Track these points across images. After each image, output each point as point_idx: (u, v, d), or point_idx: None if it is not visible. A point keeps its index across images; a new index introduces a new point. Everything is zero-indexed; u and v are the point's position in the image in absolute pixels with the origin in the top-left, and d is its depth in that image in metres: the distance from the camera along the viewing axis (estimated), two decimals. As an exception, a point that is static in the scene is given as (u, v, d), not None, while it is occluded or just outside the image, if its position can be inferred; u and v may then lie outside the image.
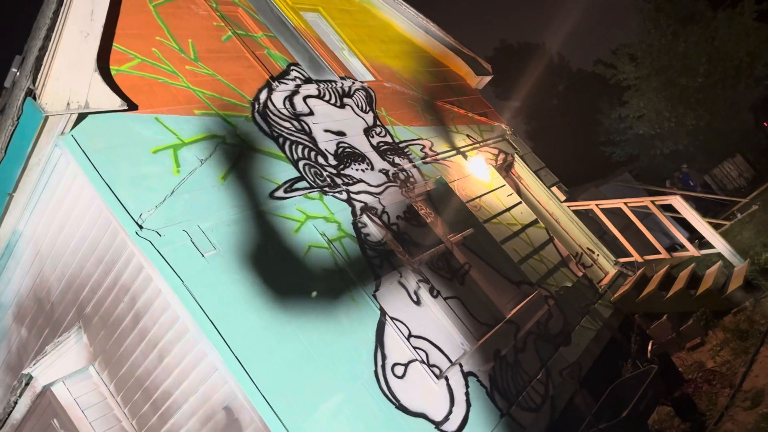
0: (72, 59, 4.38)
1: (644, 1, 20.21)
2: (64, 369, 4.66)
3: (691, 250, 8.38)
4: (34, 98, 4.03)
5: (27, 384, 4.60)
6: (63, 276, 4.86)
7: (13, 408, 4.84)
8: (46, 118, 4.06)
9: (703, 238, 8.35)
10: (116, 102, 4.51)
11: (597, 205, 8.94)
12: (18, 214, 4.84)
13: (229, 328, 4.17)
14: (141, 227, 4.21)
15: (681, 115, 19.59)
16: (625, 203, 8.72)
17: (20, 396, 4.72)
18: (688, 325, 6.99)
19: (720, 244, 7.97)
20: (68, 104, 4.18)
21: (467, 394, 5.21)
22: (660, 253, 8.60)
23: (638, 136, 21.67)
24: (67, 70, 4.31)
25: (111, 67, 4.92)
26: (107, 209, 4.21)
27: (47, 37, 4.47)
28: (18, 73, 9.60)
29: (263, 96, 6.09)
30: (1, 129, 6.02)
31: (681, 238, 8.65)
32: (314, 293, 4.78)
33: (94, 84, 4.40)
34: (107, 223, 4.32)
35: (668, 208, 9.16)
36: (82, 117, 4.40)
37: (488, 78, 10.91)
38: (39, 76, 4.12)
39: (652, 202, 8.57)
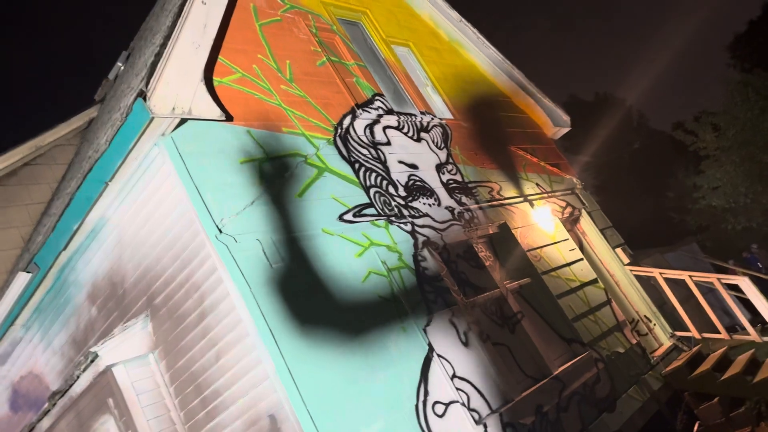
0: (182, 68, 4.72)
1: (736, 70, 19.76)
2: (127, 353, 4.93)
3: (753, 335, 8.09)
4: (145, 99, 4.35)
5: (92, 361, 4.88)
6: (139, 265, 5.18)
7: (75, 381, 5.14)
8: (152, 119, 4.38)
9: (766, 323, 8.05)
10: (216, 112, 4.82)
11: (660, 273, 8.76)
12: (109, 201, 5.19)
13: (286, 339, 4.35)
14: (220, 231, 4.47)
15: (759, 192, 18.93)
16: (690, 276, 8.51)
17: (83, 371, 5.02)
18: (740, 412, 6.74)
19: (785, 334, 7.67)
20: (173, 109, 4.50)
21: (504, 444, 5.20)
22: (719, 333, 8.34)
23: (711, 207, 21.03)
24: (177, 78, 4.64)
25: (214, 78, 5.26)
26: (193, 210, 4.50)
27: (163, 45, 4.84)
28: (122, 67, 10.25)
29: (346, 121, 6.34)
30: (104, 121, 6.48)
31: (743, 320, 8.37)
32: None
33: (199, 93, 4.72)
34: (190, 223, 4.60)
35: (733, 287, 8.88)
36: (182, 121, 4.73)
37: (565, 129, 10.91)
38: (151, 80, 4.46)
39: (719, 279, 8.34)
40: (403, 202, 6.28)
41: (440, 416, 4.94)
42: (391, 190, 6.27)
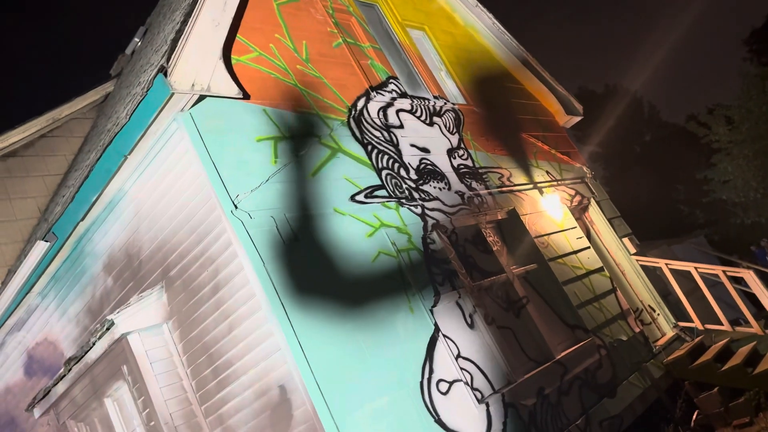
0: (202, 45, 4.81)
1: (752, 64, 19.62)
2: (142, 322, 5.08)
3: (755, 328, 8.15)
4: (165, 75, 4.44)
5: (108, 329, 5.03)
6: (156, 238, 5.30)
7: (91, 348, 5.30)
8: (172, 94, 4.47)
9: (770, 317, 8.12)
10: (234, 90, 4.91)
11: (666, 264, 8.82)
12: (127, 174, 5.30)
13: (297, 313, 4.47)
14: (236, 207, 4.58)
15: (770, 187, 18.89)
16: (696, 268, 8.57)
17: (99, 338, 5.17)
18: (739, 403, 6.84)
19: (788, 328, 7.74)
20: (193, 85, 4.59)
21: (505, 423, 5.33)
22: (722, 325, 8.41)
23: (720, 201, 21.00)
24: (196, 55, 4.73)
25: (232, 56, 5.34)
26: (210, 185, 4.61)
27: (184, 22, 4.92)
28: (139, 42, 10.32)
29: (360, 103, 6.41)
30: (123, 95, 6.58)
31: (747, 313, 8.43)
32: None
33: (218, 71, 4.81)
34: (207, 198, 4.71)
35: (739, 281, 8.94)
36: (201, 98, 4.82)
37: (577, 118, 10.92)
38: (172, 57, 4.54)
39: (724, 272, 8.40)
40: (414, 185, 6.36)
41: (444, 394, 5.07)
42: (403, 172, 6.35)
